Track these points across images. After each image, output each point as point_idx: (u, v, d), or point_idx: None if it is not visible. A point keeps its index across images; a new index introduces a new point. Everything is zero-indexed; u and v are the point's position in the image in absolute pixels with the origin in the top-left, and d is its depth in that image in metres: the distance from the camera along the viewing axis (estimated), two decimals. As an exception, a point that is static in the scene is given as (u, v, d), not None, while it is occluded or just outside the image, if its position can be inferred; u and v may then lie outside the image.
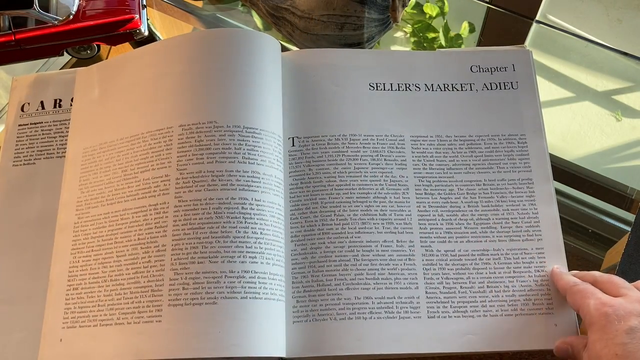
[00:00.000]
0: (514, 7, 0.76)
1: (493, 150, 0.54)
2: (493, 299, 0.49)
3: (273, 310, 0.47)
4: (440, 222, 0.51)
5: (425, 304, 0.48)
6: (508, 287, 0.49)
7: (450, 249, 0.51)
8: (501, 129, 0.55)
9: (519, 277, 0.50)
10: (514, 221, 0.52)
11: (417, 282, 0.49)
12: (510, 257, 0.50)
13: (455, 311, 0.48)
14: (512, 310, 0.48)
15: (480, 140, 0.55)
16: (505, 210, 0.52)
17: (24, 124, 0.58)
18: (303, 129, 0.54)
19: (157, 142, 0.51)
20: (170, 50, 0.54)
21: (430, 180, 0.53)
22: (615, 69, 0.76)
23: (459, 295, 0.49)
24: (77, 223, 0.52)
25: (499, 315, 0.48)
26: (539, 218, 0.52)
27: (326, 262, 0.50)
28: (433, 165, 0.54)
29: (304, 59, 0.57)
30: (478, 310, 0.48)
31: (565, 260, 0.50)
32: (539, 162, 0.54)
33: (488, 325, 0.48)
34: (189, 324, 0.45)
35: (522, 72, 0.58)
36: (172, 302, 0.46)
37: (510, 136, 0.55)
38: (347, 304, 0.48)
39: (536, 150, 0.54)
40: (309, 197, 0.52)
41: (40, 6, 0.61)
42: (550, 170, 0.53)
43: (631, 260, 0.49)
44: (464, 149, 0.54)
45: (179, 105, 0.52)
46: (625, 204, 0.63)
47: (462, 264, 0.50)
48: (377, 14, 0.62)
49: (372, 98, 0.56)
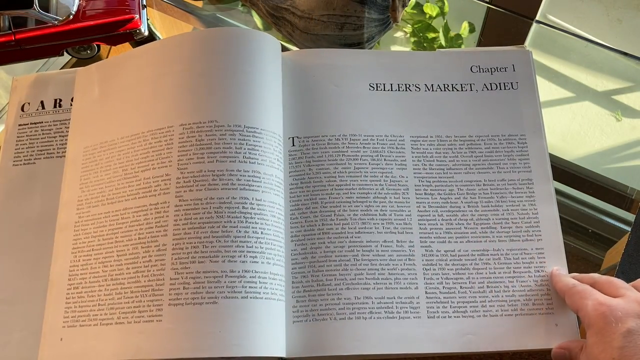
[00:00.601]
0: (514, 7, 0.76)
1: (493, 151, 0.54)
2: (493, 299, 0.49)
3: (273, 310, 0.47)
4: (440, 222, 0.51)
5: (425, 304, 0.48)
6: (508, 287, 0.49)
7: (450, 249, 0.51)
8: (501, 129, 0.55)
9: (519, 277, 0.50)
10: (513, 221, 0.52)
11: (417, 282, 0.49)
12: (510, 257, 0.50)
13: (455, 311, 0.48)
14: (512, 310, 0.48)
15: (480, 140, 0.55)
16: (505, 211, 0.52)
17: (24, 123, 0.58)
18: (303, 128, 0.54)
19: (158, 141, 0.51)
20: (170, 50, 0.54)
21: (430, 181, 0.53)
22: (615, 69, 0.76)
23: (459, 295, 0.49)
24: (78, 222, 0.52)
25: (499, 315, 0.48)
26: (538, 218, 0.52)
27: (326, 262, 0.50)
28: (433, 165, 0.54)
29: (304, 58, 0.57)
30: (478, 310, 0.48)
31: (565, 260, 0.50)
32: (539, 162, 0.54)
33: (488, 325, 0.48)
34: (189, 324, 0.45)
35: (522, 73, 0.58)
36: (173, 302, 0.46)
37: (510, 136, 0.55)
38: (347, 304, 0.48)
39: (536, 151, 0.54)
40: (309, 197, 0.52)
41: (40, 6, 0.61)
42: (550, 171, 0.53)
43: (631, 260, 0.49)
44: (464, 149, 0.54)
45: (179, 104, 0.52)
46: (625, 204, 0.63)
47: (462, 264, 0.50)
48: (377, 14, 0.62)
49: (372, 98, 0.56)
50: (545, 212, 0.52)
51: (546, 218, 0.52)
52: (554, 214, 0.52)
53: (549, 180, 0.53)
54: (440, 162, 0.54)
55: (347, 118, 0.55)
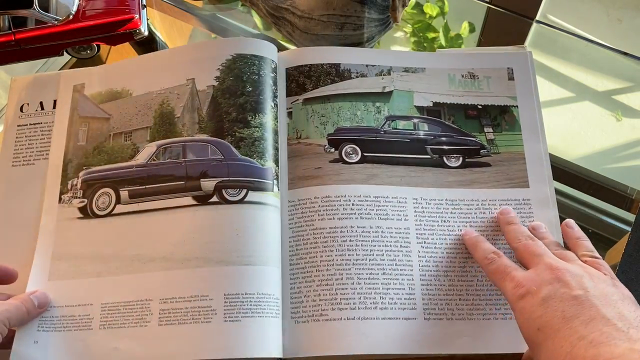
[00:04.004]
0: (514, 7, 0.75)
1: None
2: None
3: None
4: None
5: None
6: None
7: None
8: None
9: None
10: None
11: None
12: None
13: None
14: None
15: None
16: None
17: (23, 124, 0.58)
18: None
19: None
20: None
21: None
22: (615, 69, 0.76)
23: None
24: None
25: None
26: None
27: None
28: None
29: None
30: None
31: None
32: (538, 166, 0.54)
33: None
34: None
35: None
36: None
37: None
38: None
39: (535, 155, 0.54)
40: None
41: (40, 6, 0.61)
42: (550, 176, 0.53)
43: (631, 260, 0.49)
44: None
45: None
46: (625, 204, 0.63)
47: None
48: (377, 14, 0.62)
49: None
50: (544, 215, 0.52)
51: (546, 222, 0.51)
52: (554, 220, 0.52)
53: (547, 182, 0.53)
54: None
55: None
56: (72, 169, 0.55)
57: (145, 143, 0.54)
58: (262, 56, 0.56)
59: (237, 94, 0.54)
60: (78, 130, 0.56)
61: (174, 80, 0.57)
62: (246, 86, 0.55)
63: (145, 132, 0.55)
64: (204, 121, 0.54)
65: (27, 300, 0.47)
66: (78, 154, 0.55)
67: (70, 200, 0.53)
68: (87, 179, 0.54)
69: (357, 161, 0.54)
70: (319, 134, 0.55)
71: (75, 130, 0.56)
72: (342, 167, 0.53)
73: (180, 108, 0.55)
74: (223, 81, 0.55)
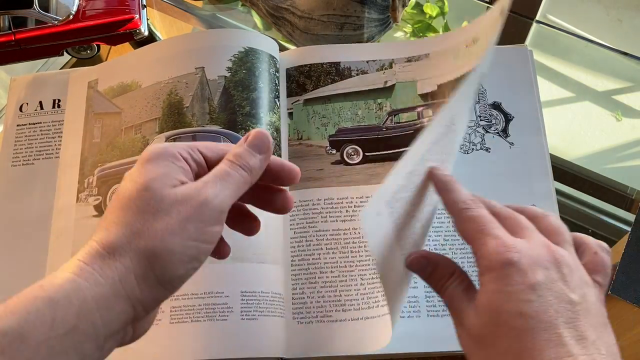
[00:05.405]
0: (514, 7, 0.75)
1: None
2: None
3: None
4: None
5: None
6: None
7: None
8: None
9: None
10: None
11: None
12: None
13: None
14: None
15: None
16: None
17: (22, 124, 0.58)
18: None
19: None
20: None
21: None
22: (615, 69, 0.76)
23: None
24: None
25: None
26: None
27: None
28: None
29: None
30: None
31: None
32: (539, 162, 0.54)
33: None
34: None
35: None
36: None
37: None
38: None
39: (536, 154, 0.54)
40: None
41: (40, 6, 0.61)
42: (551, 175, 0.53)
43: (631, 260, 0.49)
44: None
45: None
46: (625, 204, 0.62)
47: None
48: (377, 14, 0.62)
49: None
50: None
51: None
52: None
53: (548, 177, 0.53)
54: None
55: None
56: (88, 167, 0.54)
57: (155, 135, 0.53)
58: (271, 54, 0.56)
59: (250, 88, 0.54)
60: (93, 128, 0.56)
61: (182, 69, 0.55)
62: (258, 81, 0.54)
63: (154, 124, 0.54)
64: (215, 112, 0.53)
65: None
66: (93, 151, 0.55)
67: (87, 198, 0.53)
68: (102, 176, 0.53)
69: (358, 162, 0.54)
70: (320, 135, 0.55)
71: (91, 128, 0.56)
72: (344, 169, 0.53)
73: (189, 97, 0.54)
74: (235, 73, 0.54)
